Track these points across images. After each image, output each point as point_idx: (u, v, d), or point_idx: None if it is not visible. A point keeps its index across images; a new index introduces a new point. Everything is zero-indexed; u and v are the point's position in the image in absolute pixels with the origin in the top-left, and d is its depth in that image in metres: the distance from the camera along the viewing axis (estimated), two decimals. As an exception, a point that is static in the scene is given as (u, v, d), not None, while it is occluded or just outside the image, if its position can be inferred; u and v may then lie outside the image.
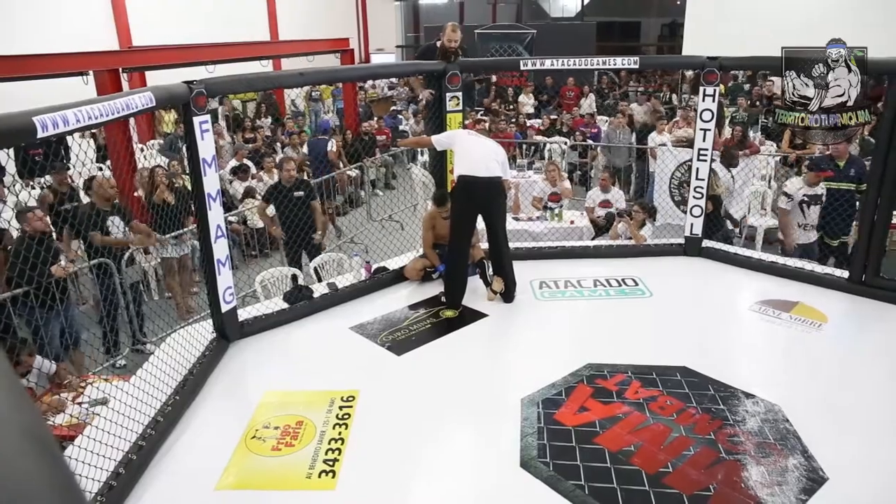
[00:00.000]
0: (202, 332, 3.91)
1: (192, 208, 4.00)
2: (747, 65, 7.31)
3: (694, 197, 5.18)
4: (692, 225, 5.23)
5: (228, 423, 3.22)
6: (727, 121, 9.26)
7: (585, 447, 2.96)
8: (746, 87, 12.17)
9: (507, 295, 4.49)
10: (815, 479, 2.74)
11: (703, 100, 4.93)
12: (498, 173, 4.35)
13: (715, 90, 4.91)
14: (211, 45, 11.73)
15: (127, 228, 5.30)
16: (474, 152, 4.35)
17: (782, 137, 8.55)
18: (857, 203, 5.41)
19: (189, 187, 4.13)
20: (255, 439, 3.08)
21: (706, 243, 5.28)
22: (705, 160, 5.04)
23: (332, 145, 9.06)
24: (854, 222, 5.67)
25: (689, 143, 7.57)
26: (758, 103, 10.96)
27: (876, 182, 4.31)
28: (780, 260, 5.10)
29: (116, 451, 2.71)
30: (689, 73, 12.73)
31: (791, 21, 12.81)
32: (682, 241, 5.34)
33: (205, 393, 3.47)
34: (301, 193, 5.90)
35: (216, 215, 3.73)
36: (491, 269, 4.60)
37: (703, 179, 5.09)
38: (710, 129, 4.98)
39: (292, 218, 5.70)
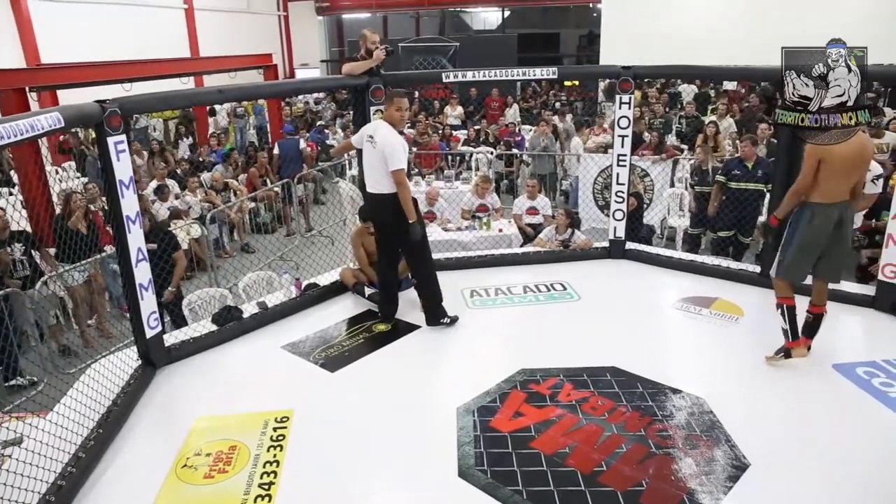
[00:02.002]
0: (126, 359, 3.75)
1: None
2: (660, 73, 7.63)
3: (615, 201, 5.36)
4: (615, 228, 5.41)
5: (157, 453, 3.09)
6: (645, 126, 9.65)
7: (521, 452, 3.01)
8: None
9: (426, 316, 4.33)
10: (738, 466, 2.88)
11: (620, 107, 5.12)
12: (384, 188, 4.05)
13: (630, 98, 5.11)
14: (127, 63, 11.32)
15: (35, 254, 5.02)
16: (364, 162, 4.21)
17: (694, 142, 8.97)
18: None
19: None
20: (185, 468, 2.97)
21: (629, 245, 5.48)
22: (624, 165, 5.23)
23: (303, 143, 9.66)
24: (760, 219, 6.04)
25: (606, 149, 7.87)
26: (667, 109, 11.49)
27: (781, 181, 4.58)
28: (699, 259, 5.36)
29: (32, 494, 2.56)
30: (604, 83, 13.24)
31: (699, 31, 13.52)
32: (606, 244, 5.51)
33: (131, 423, 3.32)
34: (153, 246, 4.79)
35: (136, 238, 3.59)
36: None
37: (623, 184, 5.28)
38: (627, 136, 5.18)
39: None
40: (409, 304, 4.51)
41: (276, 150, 9.65)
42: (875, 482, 2.80)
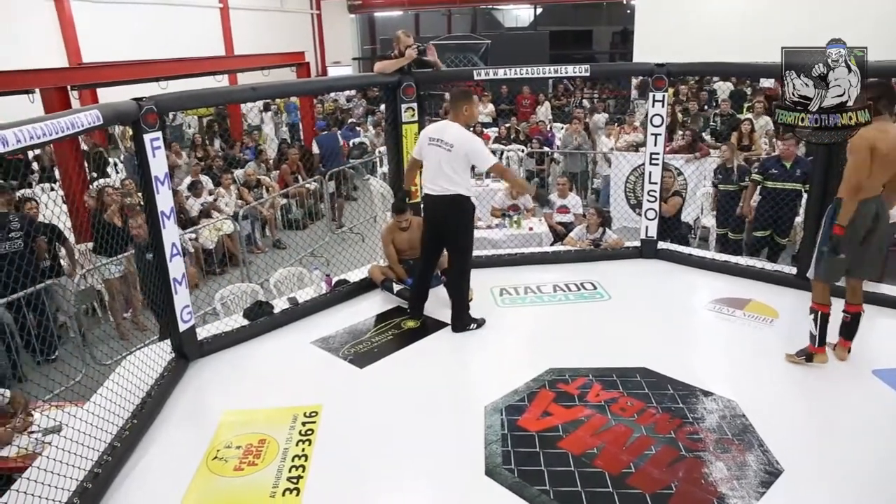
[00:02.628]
0: (160, 352, 3.83)
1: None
2: (693, 70, 7.50)
3: (648, 200, 5.29)
4: (647, 228, 5.33)
5: (189, 444, 3.15)
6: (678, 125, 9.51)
7: (549, 452, 2.99)
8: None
9: (453, 322, 4.28)
10: (771, 472, 2.82)
11: (653, 105, 5.05)
12: (448, 190, 4.04)
13: (664, 95, 5.03)
14: (163, 61, 11.54)
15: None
16: (428, 165, 4.16)
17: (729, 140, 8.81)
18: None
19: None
20: (216, 460, 3.03)
21: (661, 245, 5.40)
22: (657, 164, 5.16)
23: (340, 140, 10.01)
24: (798, 219, 5.90)
25: (637, 147, 7.77)
26: (706, 107, 11.30)
27: (819, 181, 4.47)
28: (733, 259, 5.26)
29: (70, 480, 2.63)
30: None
31: (733, 28, 13.27)
32: (638, 243, 5.44)
33: (164, 415, 3.40)
34: (150, 257, 4.34)
35: (171, 233, 3.66)
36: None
37: (655, 183, 5.20)
38: (660, 134, 5.10)
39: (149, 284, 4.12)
40: (438, 302, 4.51)
41: (315, 149, 9.61)
42: (914, 491, 2.72)
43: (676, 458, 2.93)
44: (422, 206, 4.32)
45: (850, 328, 3.64)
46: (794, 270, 4.79)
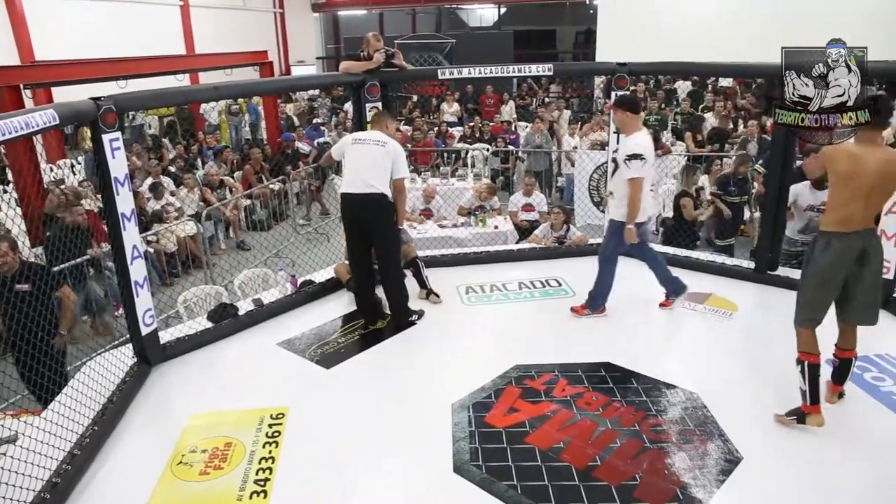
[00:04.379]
0: (121, 357, 3.75)
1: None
2: (654, 70, 7.62)
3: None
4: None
5: (152, 450, 3.10)
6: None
7: (516, 447, 3.02)
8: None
9: (394, 318, 4.32)
10: (731, 460, 2.90)
11: (615, 104, 5.12)
12: (377, 189, 4.04)
13: (626, 95, 5.10)
14: (122, 60, 11.29)
15: None
16: (353, 164, 4.14)
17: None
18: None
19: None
20: (181, 465, 2.98)
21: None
22: (619, 162, 5.23)
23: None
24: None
25: (602, 146, 7.88)
26: (663, 106, 11.51)
27: (775, 184, 4.60)
28: (694, 254, 5.37)
29: (27, 491, 2.56)
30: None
31: (696, 28, 13.52)
32: (601, 240, 5.50)
33: (126, 421, 3.33)
34: (25, 287, 3.95)
35: (131, 236, 3.59)
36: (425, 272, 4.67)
37: (618, 181, 5.27)
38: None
39: (16, 318, 3.61)
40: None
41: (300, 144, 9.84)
42: (866, 474, 2.83)
43: (641, 450, 2.99)
44: (341, 208, 4.23)
45: (840, 374, 3.26)
46: (752, 265, 4.93)
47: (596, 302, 4.36)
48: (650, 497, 2.69)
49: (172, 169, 9.49)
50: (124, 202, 3.52)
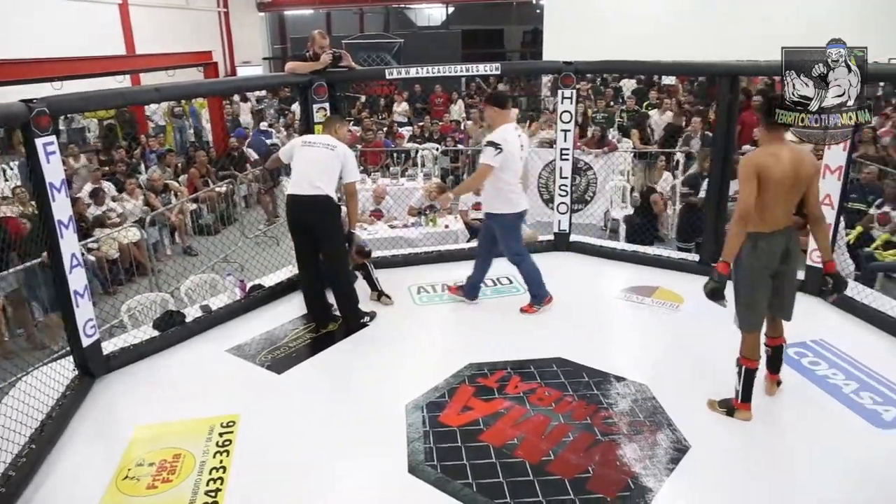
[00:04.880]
0: (61, 370, 3.61)
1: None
2: (600, 68, 7.76)
3: (559, 195, 5.44)
4: (559, 221, 5.49)
5: (96, 465, 3.00)
6: (590, 121, 9.82)
7: (471, 445, 3.03)
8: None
9: (346, 320, 4.29)
10: (680, 449, 2.98)
11: (562, 102, 5.20)
12: (323, 191, 4.01)
13: (573, 93, 5.19)
14: (58, 60, 10.83)
15: None
16: (300, 166, 4.11)
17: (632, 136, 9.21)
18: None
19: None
20: (127, 479, 2.89)
21: (573, 237, 5.57)
22: (567, 159, 5.31)
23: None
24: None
25: (550, 143, 7.98)
26: (611, 104, 11.73)
27: (717, 177, 4.75)
28: (641, 249, 5.49)
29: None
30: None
31: (642, 28, 13.84)
32: (551, 237, 5.59)
33: (67, 436, 3.20)
34: None
35: (69, 244, 3.46)
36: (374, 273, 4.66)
37: (566, 178, 5.36)
38: (569, 130, 5.26)
39: None
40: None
41: (253, 154, 9.67)
42: (807, 456, 2.94)
43: (593, 443, 3.04)
44: (286, 210, 4.18)
45: (774, 361, 3.38)
46: (696, 258, 5.07)
47: (538, 295, 4.42)
48: (603, 489, 2.73)
49: (115, 174, 9.17)
50: (61, 209, 3.38)
